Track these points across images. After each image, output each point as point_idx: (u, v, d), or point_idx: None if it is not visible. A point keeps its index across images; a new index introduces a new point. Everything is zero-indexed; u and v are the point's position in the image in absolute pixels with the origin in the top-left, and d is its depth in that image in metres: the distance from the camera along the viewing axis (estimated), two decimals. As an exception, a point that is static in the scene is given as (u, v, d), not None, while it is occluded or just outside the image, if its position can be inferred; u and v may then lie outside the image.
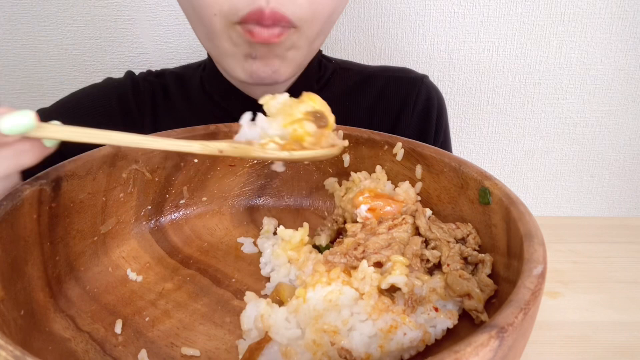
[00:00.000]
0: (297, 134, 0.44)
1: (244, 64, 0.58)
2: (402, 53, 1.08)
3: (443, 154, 0.50)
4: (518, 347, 0.31)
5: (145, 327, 0.42)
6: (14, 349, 0.27)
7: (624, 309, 0.52)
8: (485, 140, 1.16)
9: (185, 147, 0.42)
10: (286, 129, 0.44)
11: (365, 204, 0.49)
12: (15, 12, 1.01)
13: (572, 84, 1.11)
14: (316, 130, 0.44)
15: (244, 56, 0.58)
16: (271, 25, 0.54)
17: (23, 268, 0.40)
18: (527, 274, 0.33)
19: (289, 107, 0.45)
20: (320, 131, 0.44)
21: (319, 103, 0.46)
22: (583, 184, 1.21)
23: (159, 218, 0.54)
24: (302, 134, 0.44)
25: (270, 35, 0.54)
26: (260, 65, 0.58)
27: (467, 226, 0.46)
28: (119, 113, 0.75)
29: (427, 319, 0.39)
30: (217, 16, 0.55)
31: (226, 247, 0.53)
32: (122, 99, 0.76)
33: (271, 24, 0.54)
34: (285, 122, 0.44)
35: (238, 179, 0.58)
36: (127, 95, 0.76)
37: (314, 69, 0.74)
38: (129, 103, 0.76)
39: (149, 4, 1.02)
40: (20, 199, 0.40)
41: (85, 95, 0.77)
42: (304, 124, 0.44)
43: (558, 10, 1.04)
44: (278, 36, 0.55)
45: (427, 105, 0.80)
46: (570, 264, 0.59)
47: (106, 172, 0.49)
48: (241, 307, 0.43)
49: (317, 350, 0.36)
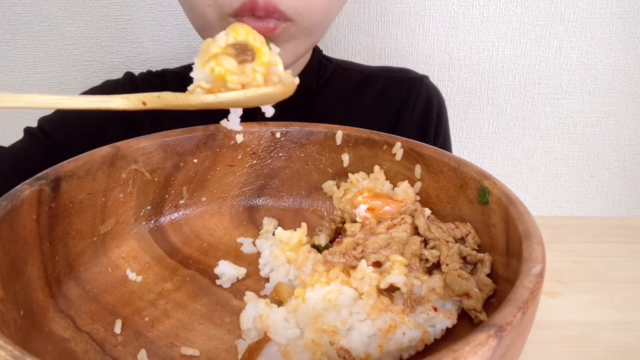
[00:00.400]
0: (217, 73, 0.38)
1: None
2: (402, 53, 1.08)
3: (442, 153, 0.51)
4: (517, 346, 0.31)
5: (144, 327, 0.42)
6: (14, 349, 0.27)
7: (624, 309, 0.52)
8: (485, 140, 1.16)
9: (105, 103, 0.38)
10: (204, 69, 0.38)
11: (364, 203, 0.49)
12: (15, 12, 1.01)
13: (572, 84, 1.11)
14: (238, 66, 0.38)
15: None
16: (265, 17, 0.54)
17: (22, 268, 0.40)
18: (526, 274, 0.33)
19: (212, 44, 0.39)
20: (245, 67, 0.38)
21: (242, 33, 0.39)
22: (583, 184, 1.21)
23: (158, 218, 0.54)
24: (222, 72, 0.38)
25: (265, 29, 0.54)
26: None
27: (466, 226, 0.46)
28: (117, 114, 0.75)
29: (426, 318, 0.39)
30: (211, 7, 0.55)
31: (226, 247, 0.53)
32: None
33: (264, 15, 0.54)
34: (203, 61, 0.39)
35: (237, 179, 0.58)
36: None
37: (314, 68, 0.74)
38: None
39: (149, 4, 1.02)
40: (20, 199, 0.40)
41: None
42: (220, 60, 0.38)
43: (558, 10, 1.04)
44: (273, 30, 0.55)
45: (427, 106, 0.80)
46: (570, 263, 0.59)
47: (106, 173, 0.49)
48: (240, 307, 0.43)
49: (316, 350, 0.36)
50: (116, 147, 0.50)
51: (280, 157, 0.59)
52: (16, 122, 1.11)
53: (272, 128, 0.58)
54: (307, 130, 0.58)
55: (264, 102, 0.44)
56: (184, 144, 0.54)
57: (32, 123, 0.75)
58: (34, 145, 0.72)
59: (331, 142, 0.57)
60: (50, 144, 0.72)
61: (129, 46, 1.06)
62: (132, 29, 1.04)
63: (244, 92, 0.38)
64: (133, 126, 0.76)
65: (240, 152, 0.57)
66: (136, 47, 1.06)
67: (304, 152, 0.58)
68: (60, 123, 0.74)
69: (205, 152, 0.56)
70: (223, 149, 0.56)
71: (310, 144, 0.58)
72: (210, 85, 0.38)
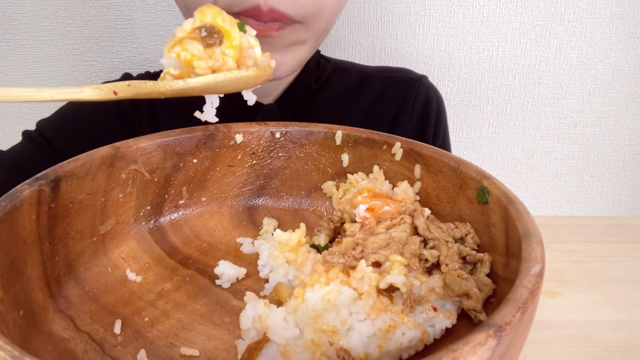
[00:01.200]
0: (183, 58, 0.36)
1: None
2: (402, 53, 1.08)
3: (442, 153, 0.51)
4: (516, 346, 0.31)
5: (144, 327, 0.42)
6: (13, 349, 0.27)
7: (624, 309, 0.52)
8: (485, 140, 1.16)
9: (76, 95, 0.37)
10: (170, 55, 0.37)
11: (363, 203, 0.49)
12: (15, 12, 1.01)
13: (572, 84, 1.11)
14: (205, 50, 0.36)
15: None
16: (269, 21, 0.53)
17: (22, 268, 0.40)
18: (525, 273, 0.33)
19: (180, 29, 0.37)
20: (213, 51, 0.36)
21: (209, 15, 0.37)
22: (583, 184, 1.21)
23: (158, 218, 0.54)
24: (189, 57, 0.36)
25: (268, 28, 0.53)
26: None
27: (466, 226, 0.46)
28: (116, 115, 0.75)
29: (425, 318, 0.39)
30: None
31: (225, 247, 0.53)
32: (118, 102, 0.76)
33: (270, 20, 0.53)
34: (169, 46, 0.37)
35: (237, 179, 0.58)
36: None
37: (312, 69, 0.74)
38: (126, 105, 0.76)
39: (149, 4, 1.02)
40: (20, 199, 0.40)
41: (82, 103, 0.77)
42: (186, 45, 0.36)
43: (558, 10, 1.04)
44: (277, 29, 0.54)
45: (426, 106, 0.80)
46: (570, 263, 0.59)
47: (105, 173, 0.49)
48: (240, 307, 0.43)
49: (316, 350, 0.36)
50: (115, 147, 0.50)
51: (280, 157, 0.59)
52: (15, 123, 1.11)
53: (272, 128, 0.58)
54: (306, 130, 0.58)
55: (239, 88, 0.41)
56: (183, 144, 0.54)
57: (30, 125, 0.75)
58: (32, 149, 0.72)
59: (331, 142, 0.57)
60: (49, 148, 0.72)
61: (129, 46, 1.06)
62: (132, 29, 1.04)
63: (214, 77, 0.37)
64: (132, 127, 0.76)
65: (239, 152, 0.57)
66: (136, 47, 1.06)
67: (304, 152, 0.58)
68: (59, 126, 0.74)
69: (205, 152, 0.56)
70: (223, 149, 0.56)
71: (310, 144, 0.58)
72: (179, 72, 0.37)
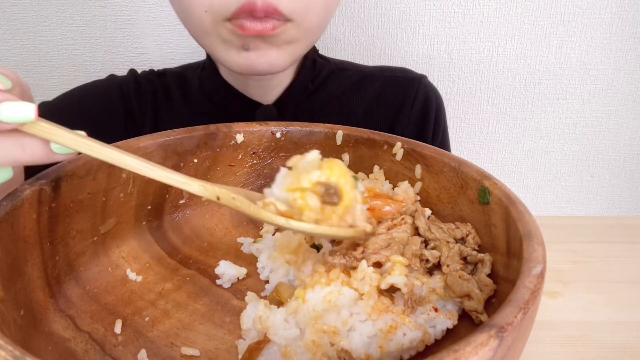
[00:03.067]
0: (297, 204, 0.38)
1: (239, 55, 0.58)
2: (401, 53, 1.08)
3: (443, 153, 0.51)
4: (517, 346, 0.31)
5: (145, 327, 0.42)
6: (14, 349, 0.27)
7: (624, 309, 0.52)
8: (485, 140, 1.16)
9: (185, 185, 0.39)
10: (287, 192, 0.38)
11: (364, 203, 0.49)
12: (15, 12, 1.01)
13: (572, 84, 1.11)
14: (321, 206, 0.38)
15: (238, 48, 0.58)
16: (264, 17, 0.53)
17: (23, 268, 0.40)
18: (527, 274, 0.33)
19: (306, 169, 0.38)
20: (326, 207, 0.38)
21: (336, 174, 0.38)
22: (583, 184, 1.21)
23: (158, 218, 0.54)
24: (302, 205, 0.38)
25: (263, 29, 0.54)
26: (256, 57, 0.58)
27: (467, 226, 0.46)
28: (121, 111, 0.75)
29: (426, 319, 0.39)
30: (208, 13, 0.55)
31: (226, 247, 0.53)
32: (124, 97, 0.76)
33: (264, 16, 0.53)
34: (290, 187, 0.38)
35: (238, 179, 0.58)
36: (130, 94, 0.76)
37: (308, 69, 0.74)
38: (132, 102, 0.76)
39: (149, 4, 1.02)
40: (20, 199, 0.40)
41: (88, 92, 0.77)
42: (306, 196, 0.38)
43: (558, 10, 1.04)
44: (272, 29, 0.55)
45: (426, 106, 0.80)
46: (570, 263, 0.59)
47: (106, 172, 0.49)
48: (241, 307, 0.43)
49: (316, 350, 0.36)
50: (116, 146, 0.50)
51: (281, 157, 0.59)
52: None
53: (272, 128, 0.58)
54: (307, 130, 0.58)
55: (328, 238, 0.44)
56: (184, 143, 0.54)
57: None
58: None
59: (331, 142, 0.57)
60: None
61: (129, 46, 1.06)
62: (132, 29, 1.04)
63: (314, 228, 0.38)
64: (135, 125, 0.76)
65: (240, 152, 0.57)
66: (136, 47, 1.06)
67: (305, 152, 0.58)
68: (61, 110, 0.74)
69: (206, 152, 0.56)
70: (223, 149, 0.56)
71: (310, 144, 0.58)
72: (286, 209, 0.38)
